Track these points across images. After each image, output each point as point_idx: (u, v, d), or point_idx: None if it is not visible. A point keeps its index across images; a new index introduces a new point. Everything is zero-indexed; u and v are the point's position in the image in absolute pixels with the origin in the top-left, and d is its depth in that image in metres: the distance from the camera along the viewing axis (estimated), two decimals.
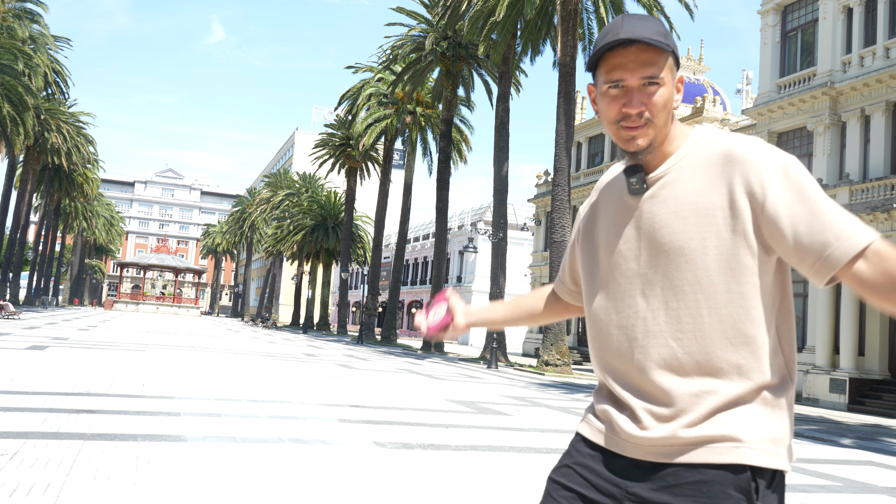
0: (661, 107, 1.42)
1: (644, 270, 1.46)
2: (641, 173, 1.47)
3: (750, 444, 1.37)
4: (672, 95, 1.45)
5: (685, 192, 1.43)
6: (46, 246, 66.79)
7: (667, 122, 1.45)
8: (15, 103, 38.41)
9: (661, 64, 1.42)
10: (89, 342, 18.47)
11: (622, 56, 1.42)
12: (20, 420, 6.36)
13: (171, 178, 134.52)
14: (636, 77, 1.41)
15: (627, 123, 1.44)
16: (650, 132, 1.44)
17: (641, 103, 1.42)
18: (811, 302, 21.22)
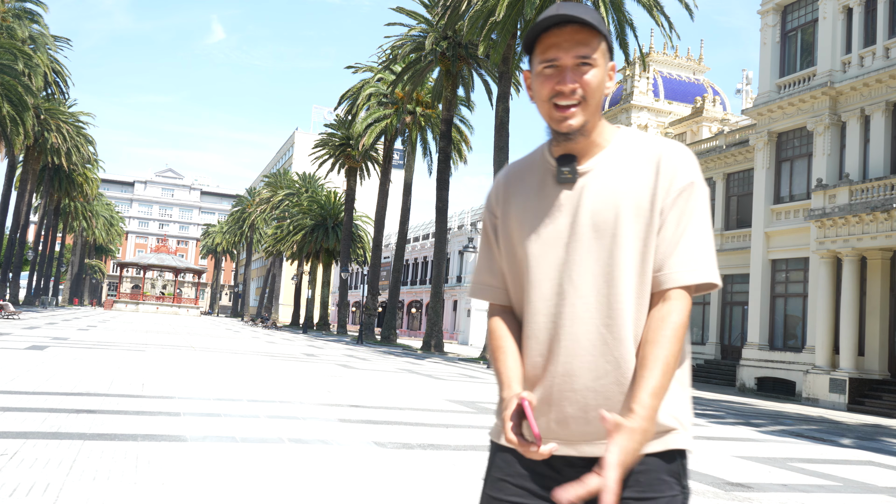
0: (595, 87, 1.45)
1: (573, 257, 1.48)
2: (575, 163, 1.49)
3: (677, 429, 1.45)
4: (604, 80, 1.48)
5: (617, 185, 1.47)
6: (46, 246, 66.78)
7: (598, 109, 1.48)
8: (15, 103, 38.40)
9: (594, 45, 1.45)
10: (89, 342, 18.47)
11: (557, 36, 1.45)
12: (20, 420, 6.36)
13: (170, 178, 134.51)
14: (570, 56, 1.44)
15: (560, 101, 1.46)
16: (583, 113, 1.46)
17: (575, 81, 1.44)
18: (811, 302, 21.22)
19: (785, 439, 10.69)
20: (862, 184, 19.26)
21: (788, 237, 22.81)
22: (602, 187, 1.48)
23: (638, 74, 33.94)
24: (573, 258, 1.48)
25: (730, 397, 19.88)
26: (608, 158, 1.50)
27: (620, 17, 24.42)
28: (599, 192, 1.48)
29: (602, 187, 1.48)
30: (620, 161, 1.50)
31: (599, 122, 1.52)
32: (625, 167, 1.49)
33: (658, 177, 1.47)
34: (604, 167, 1.50)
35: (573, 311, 1.46)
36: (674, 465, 1.45)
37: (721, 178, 28.12)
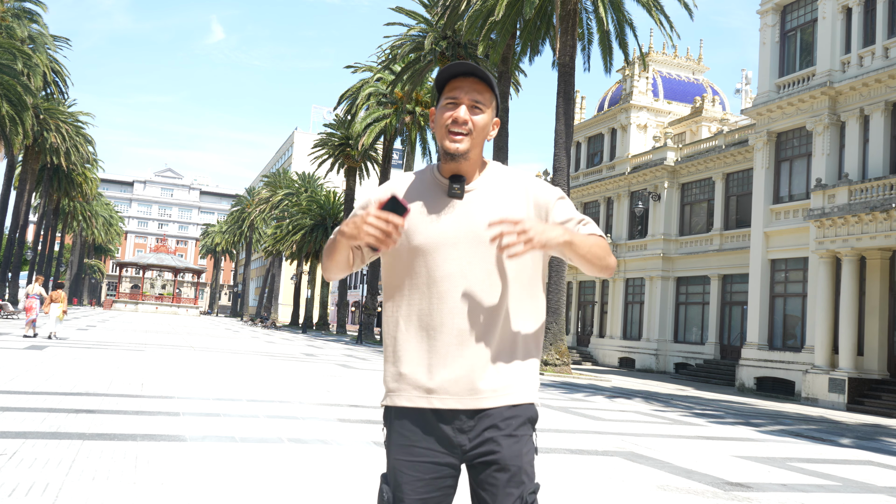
0: (480, 126, 1.92)
1: (463, 254, 1.89)
2: (464, 182, 1.92)
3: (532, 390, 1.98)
4: (489, 125, 1.95)
5: (496, 202, 1.92)
6: (45, 246, 66.74)
7: (480, 145, 1.94)
8: (14, 103, 38.37)
9: (486, 97, 1.93)
10: (88, 342, 18.46)
11: (461, 82, 1.92)
12: (19, 420, 6.36)
13: (170, 178, 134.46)
14: (467, 98, 1.91)
15: (455, 128, 1.89)
16: (468, 143, 1.90)
17: (467, 115, 1.90)
18: (810, 302, 21.23)
19: (784, 439, 10.70)
20: (861, 184, 19.27)
21: (788, 237, 22.82)
22: (484, 204, 1.91)
23: (637, 74, 33.94)
24: (464, 254, 1.89)
25: (729, 397, 19.88)
26: (487, 183, 1.96)
27: (620, 16, 24.42)
28: (482, 208, 1.90)
29: (484, 204, 1.91)
30: (497, 186, 1.95)
31: (480, 158, 1.98)
32: (501, 191, 1.94)
33: (528, 198, 1.94)
34: (485, 189, 1.95)
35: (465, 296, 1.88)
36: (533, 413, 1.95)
37: (720, 178, 28.12)
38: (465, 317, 1.88)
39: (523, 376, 1.94)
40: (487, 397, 1.88)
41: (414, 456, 1.88)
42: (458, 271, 1.88)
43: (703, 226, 29.14)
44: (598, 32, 24.36)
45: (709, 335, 28.08)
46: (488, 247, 1.87)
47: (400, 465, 1.89)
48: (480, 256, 1.89)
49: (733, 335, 27.20)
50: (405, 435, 1.90)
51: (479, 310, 1.88)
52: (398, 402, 1.92)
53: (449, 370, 1.88)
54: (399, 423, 1.92)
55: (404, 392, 1.91)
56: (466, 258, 1.88)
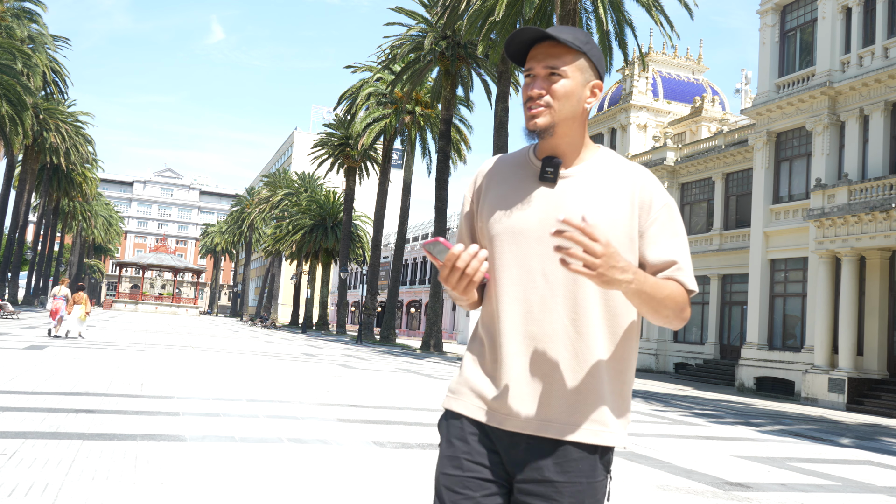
0: (562, 95, 1.61)
1: (547, 251, 1.60)
2: (558, 165, 1.65)
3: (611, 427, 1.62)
4: (577, 91, 1.63)
5: (594, 195, 1.63)
6: (45, 245, 66.75)
7: (572, 118, 1.64)
8: (14, 103, 38.36)
9: (566, 59, 1.62)
10: (88, 342, 18.46)
11: (535, 50, 1.65)
12: (19, 420, 6.36)
13: (169, 178, 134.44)
14: (541, 66, 1.63)
15: (531, 104, 1.63)
16: (548, 116, 1.62)
17: (542, 87, 1.62)
18: (810, 302, 21.23)
19: (784, 439, 10.70)
20: (861, 183, 19.27)
21: (787, 237, 22.82)
22: (579, 194, 1.63)
23: (637, 74, 33.94)
24: (548, 252, 1.60)
25: (729, 397, 19.88)
26: (588, 170, 1.66)
27: (619, 16, 24.42)
28: (575, 199, 1.62)
29: (579, 194, 1.63)
30: (600, 176, 1.65)
31: (582, 138, 1.68)
32: (603, 183, 1.64)
33: (632, 200, 1.64)
34: (584, 177, 1.65)
35: (543, 302, 1.60)
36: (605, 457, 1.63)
37: (720, 178, 28.12)
38: (541, 325, 1.60)
39: (608, 409, 1.61)
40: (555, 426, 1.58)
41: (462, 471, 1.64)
42: (539, 269, 1.60)
43: (703, 226, 29.14)
44: (597, 32, 24.35)
45: (708, 335, 28.09)
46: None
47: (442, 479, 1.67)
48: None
49: (733, 335, 27.20)
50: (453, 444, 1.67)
51: (557, 320, 1.59)
52: (452, 405, 1.70)
53: (514, 386, 1.60)
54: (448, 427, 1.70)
55: (463, 397, 1.68)
56: (550, 255, 1.59)
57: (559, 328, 1.58)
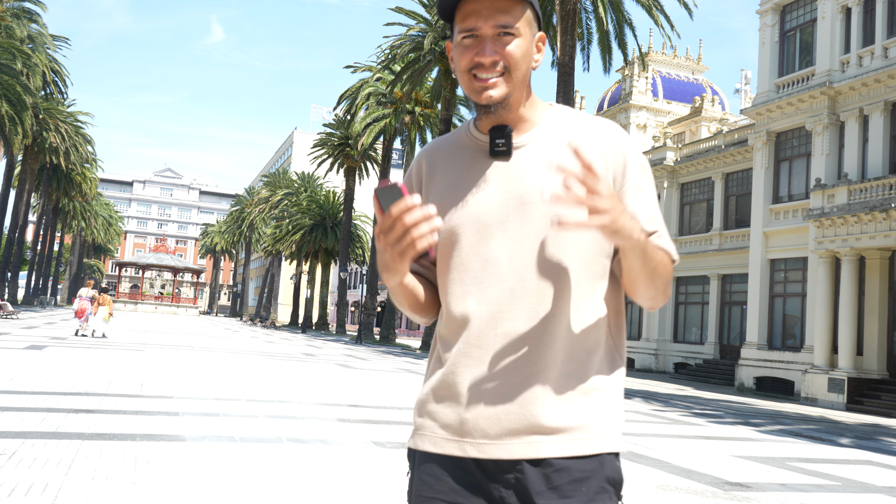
0: (518, 59, 1.34)
1: (512, 235, 1.35)
2: (510, 134, 1.38)
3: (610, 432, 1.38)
4: (530, 50, 1.37)
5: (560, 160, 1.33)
6: (45, 245, 66.73)
7: (524, 81, 1.38)
8: (13, 103, 38.35)
9: (516, 14, 1.34)
10: (88, 342, 18.46)
11: (476, 3, 1.33)
12: (19, 420, 6.35)
13: (169, 178, 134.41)
14: (489, 25, 1.33)
15: (480, 73, 1.34)
16: (505, 84, 1.35)
17: (496, 52, 1.33)
18: (809, 302, 21.23)
19: (784, 439, 10.70)
20: (860, 183, 19.27)
21: (787, 237, 22.83)
22: (540, 164, 1.36)
23: (637, 74, 33.94)
24: (514, 237, 1.35)
25: (728, 397, 19.88)
26: (545, 134, 1.40)
27: (619, 16, 24.42)
28: (536, 169, 1.36)
29: (540, 164, 1.36)
30: (556, 137, 1.39)
31: (529, 98, 1.41)
32: (560, 143, 1.37)
33: (604, 158, 1.37)
34: (542, 142, 1.39)
35: (513, 295, 1.34)
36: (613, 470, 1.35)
37: (720, 178, 28.12)
38: (513, 321, 1.33)
39: (599, 410, 1.35)
40: (545, 442, 1.31)
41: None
42: (505, 258, 1.35)
43: (703, 226, 29.14)
44: (597, 32, 24.36)
45: (708, 335, 28.08)
46: (546, 224, 1.34)
47: None
48: (534, 238, 1.34)
49: (733, 335, 27.20)
50: (428, 483, 1.41)
51: (532, 311, 1.33)
52: (421, 444, 1.42)
53: (488, 400, 1.33)
54: (422, 470, 1.44)
55: (428, 433, 1.41)
56: (516, 239, 1.35)
57: (536, 321, 1.32)
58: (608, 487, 1.33)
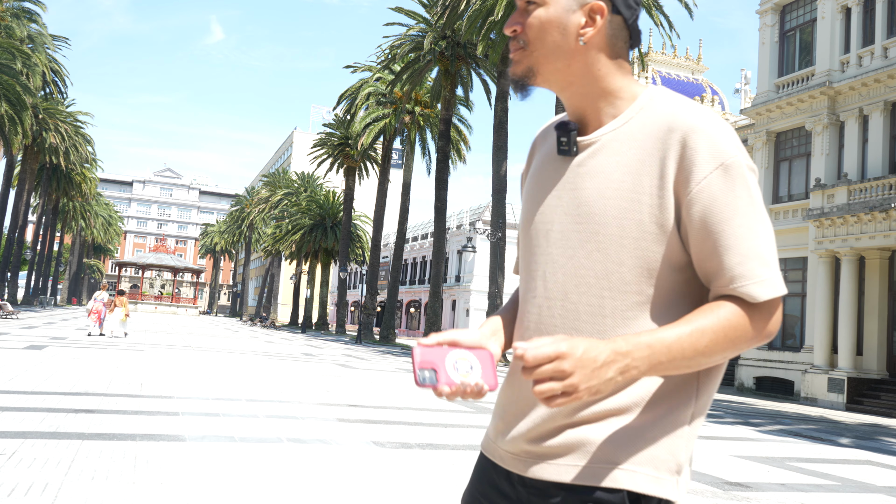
0: (537, 29, 1.21)
1: (552, 249, 1.24)
2: (574, 133, 1.24)
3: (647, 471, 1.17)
4: (560, 19, 1.20)
5: (614, 167, 1.19)
6: (45, 245, 66.75)
7: (560, 56, 1.21)
8: (13, 102, 38.35)
9: None
10: (87, 342, 18.46)
11: None
12: (18, 419, 6.35)
13: (169, 178, 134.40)
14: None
15: (510, 45, 1.26)
16: (526, 59, 1.23)
17: (517, 23, 1.24)
18: (809, 301, 21.24)
19: (783, 439, 10.70)
20: (860, 183, 19.28)
21: (787, 237, 22.83)
22: (600, 168, 1.20)
23: (637, 74, 33.96)
24: (552, 251, 1.24)
25: (728, 397, 19.89)
26: (621, 132, 1.21)
27: None
28: (596, 174, 1.20)
29: (600, 168, 1.20)
30: (634, 137, 1.19)
31: (590, 85, 1.23)
32: (634, 147, 1.18)
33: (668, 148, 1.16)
34: (612, 143, 1.21)
35: (539, 314, 1.25)
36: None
37: None
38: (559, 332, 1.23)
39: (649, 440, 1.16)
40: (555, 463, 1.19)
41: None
42: (540, 274, 1.25)
43: None
44: None
45: None
46: (602, 234, 1.18)
47: None
48: (588, 249, 1.19)
49: None
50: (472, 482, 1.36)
51: (576, 330, 1.20)
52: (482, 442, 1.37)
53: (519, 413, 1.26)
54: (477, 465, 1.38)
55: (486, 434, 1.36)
56: (568, 250, 1.22)
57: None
58: None
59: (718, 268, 1.12)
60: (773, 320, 1.13)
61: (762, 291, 1.10)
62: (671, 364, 1.09)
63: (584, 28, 1.20)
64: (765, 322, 1.12)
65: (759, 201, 1.13)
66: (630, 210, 1.16)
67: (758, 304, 1.12)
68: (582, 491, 1.15)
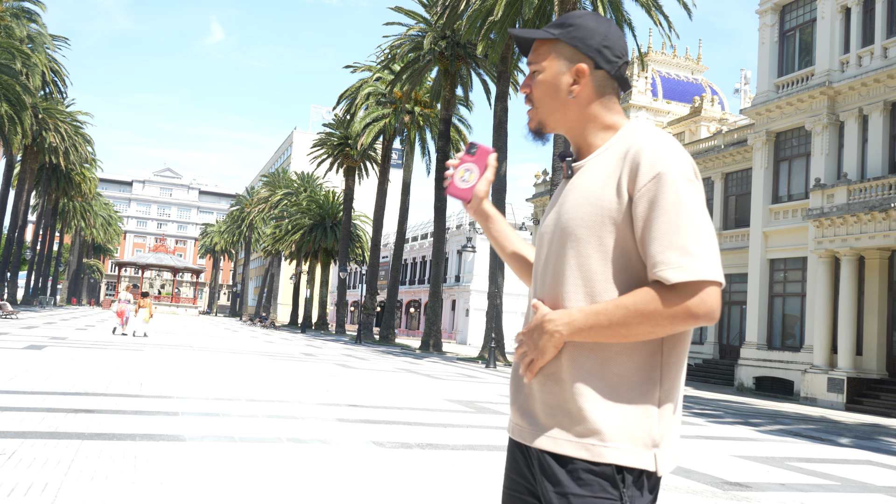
0: (542, 90, 1.55)
1: (550, 252, 1.52)
2: (570, 160, 1.56)
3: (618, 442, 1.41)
4: (555, 80, 1.53)
5: (588, 181, 1.47)
6: (44, 245, 66.73)
7: (558, 109, 1.54)
8: (13, 102, 38.34)
9: (541, 52, 1.56)
10: (87, 342, 18.45)
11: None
12: (18, 419, 6.35)
13: (169, 178, 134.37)
14: (531, 66, 1.59)
15: (526, 102, 1.60)
16: (536, 115, 1.58)
17: (527, 86, 1.58)
18: (809, 302, 21.24)
19: (783, 439, 10.70)
20: (860, 183, 19.28)
21: (787, 237, 22.83)
22: (578, 186, 1.49)
23: (636, 74, 33.94)
24: (549, 253, 1.52)
25: (728, 397, 19.89)
26: (599, 156, 1.50)
27: (619, 16, 24.43)
28: (574, 191, 1.50)
29: (578, 186, 1.49)
30: (602, 159, 1.49)
31: (592, 124, 1.54)
32: (600, 167, 1.47)
33: (619, 179, 1.43)
34: (591, 165, 1.50)
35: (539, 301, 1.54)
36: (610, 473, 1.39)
37: (719, 178, 28.13)
38: None
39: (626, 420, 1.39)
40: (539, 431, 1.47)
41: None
42: (540, 273, 1.54)
43: None
44: None
45: (708, 335, 28.09)
46: (571, 242, 1.46)
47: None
48: (557, 253, 1.49)
49: (732, 335, 27.21)
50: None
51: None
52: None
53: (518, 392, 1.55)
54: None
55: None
56: (552, 254, 1.51)
57: None
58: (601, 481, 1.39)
59: (645, 256, 1.38)
60: (692, 302, 1.32)
61: (674, 275, 1.33)
62: (591, 331, 1.38)
63: (573, 86, 1.52)
64: (679, 301, 1.32)
65: (689, 203, 1.36)
66: (596, 213, 1.44)
67: (673, 286, 1.34)
68: (574, 462, 1.39)
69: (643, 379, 1.41)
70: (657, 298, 1.34)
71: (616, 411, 1.39)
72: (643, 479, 1.40)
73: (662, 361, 1.42)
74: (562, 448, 1.40)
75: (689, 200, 1.36)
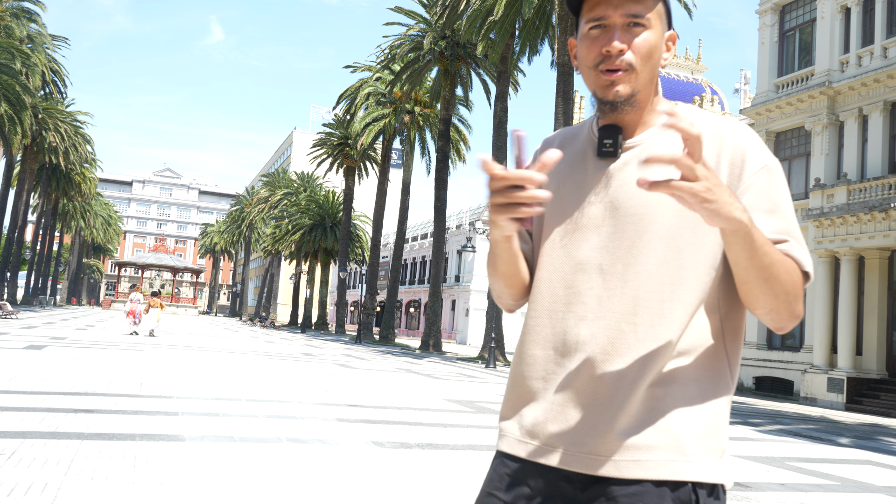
0: (646, 52, 1.26)
1: (606, 243, 1.29)
2: (620, 135, 1.31)
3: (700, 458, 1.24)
4: (659, 45, 1.28)
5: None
6: (44, 245, 66.74)
7: (651, 79, 1.30)
8: (12, 102, 38.34)
9: (648, 4, 1.27)
10: (87, 342, 18.45)
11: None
12: (18, 419, 6.35)
13: (169, 178, 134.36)
14: (619, 13, 1.25)
15: (607, 66, 1.26)
16: (632, 80, 1.27)
17: (624, 42, 1.25)
18: (809, 301, 21.24)
19: (783, 438, 10.70)
20: (860, 183, 19.28)
21: None
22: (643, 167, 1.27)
23: None
24: (606, 244, 1.29)
25: None
26: (658, 137, 1.30)
27: None
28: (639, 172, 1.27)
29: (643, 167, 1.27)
30: (671, 140, 1.27)
31: (655, 98, 1.33)
32: (674, 146, 1.20)
33: (719, 163, 1.26)
34: (651, 145, 1.29)
35: (599, 305, 1.28)
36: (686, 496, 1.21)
37: None
38: (593, 330, 1.27)
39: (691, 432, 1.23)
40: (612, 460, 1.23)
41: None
42: (595, 262, 1.29)
43: None
44: None
45: None
46: (646, 231, 1.26)
47: None
48: (628, 245, 1.27)
49: None
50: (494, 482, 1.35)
51: (615, 319, 1.26)
52: (500, 445, 1.38)
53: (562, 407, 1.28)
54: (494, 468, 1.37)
55: (506, 435, 1.37)
56: (610, 245, 1.28)
57: (616, 331, 1.26)
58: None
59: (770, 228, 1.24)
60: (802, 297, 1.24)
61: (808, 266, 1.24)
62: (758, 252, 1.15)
63: (665, 54, 1.32)
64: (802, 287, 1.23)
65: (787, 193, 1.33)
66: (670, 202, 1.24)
67: (806, 273, 1.24)
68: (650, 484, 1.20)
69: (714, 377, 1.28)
70: (799, 271, 1.23)
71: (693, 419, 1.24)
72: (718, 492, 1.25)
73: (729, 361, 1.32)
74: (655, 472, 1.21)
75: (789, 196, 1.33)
